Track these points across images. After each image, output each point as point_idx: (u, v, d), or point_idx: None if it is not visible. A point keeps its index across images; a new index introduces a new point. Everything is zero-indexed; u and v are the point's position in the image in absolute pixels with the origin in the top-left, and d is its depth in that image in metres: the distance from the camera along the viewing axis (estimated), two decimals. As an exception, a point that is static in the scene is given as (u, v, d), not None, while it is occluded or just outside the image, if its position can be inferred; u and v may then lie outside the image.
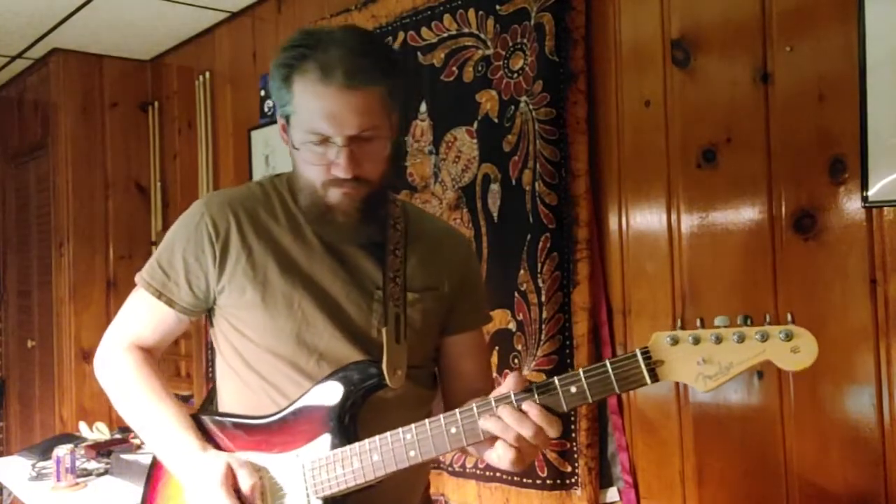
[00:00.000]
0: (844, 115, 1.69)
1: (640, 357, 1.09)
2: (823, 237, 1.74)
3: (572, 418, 2.15)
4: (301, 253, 1.36)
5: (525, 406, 1.15)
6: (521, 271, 2.24)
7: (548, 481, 2.18)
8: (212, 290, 1.37)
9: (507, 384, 1.18)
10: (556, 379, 1.14)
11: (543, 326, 2.18)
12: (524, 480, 2.24)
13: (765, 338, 1.05)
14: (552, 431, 1.15)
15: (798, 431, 1.79)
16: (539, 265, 2.18)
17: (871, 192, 1.64)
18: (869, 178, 1.64)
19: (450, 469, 2.45)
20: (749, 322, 1.07)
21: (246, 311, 1.36)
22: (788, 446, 1.80)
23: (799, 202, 1.78)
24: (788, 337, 1.04)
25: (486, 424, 1.17)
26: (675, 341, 1.09)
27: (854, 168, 1.68)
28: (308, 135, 1.27)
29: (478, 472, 2.36)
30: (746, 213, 1.87)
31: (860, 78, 1.66)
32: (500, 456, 1.19)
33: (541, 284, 2.18)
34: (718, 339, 1.07)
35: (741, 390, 1.88)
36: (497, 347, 2.34)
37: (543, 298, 2.18)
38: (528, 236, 2.21)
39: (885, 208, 1.64)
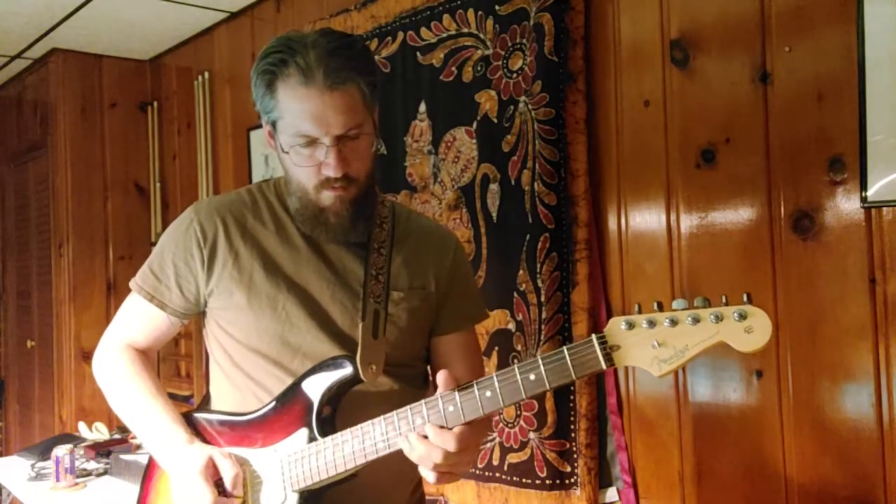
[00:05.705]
0: (843, 115, 1.69)
1: (595, 342, 1.08)
2: (822, 237, 1.74)
3: (572, 418, 2.16)
4: (287, 255, 1.40)
5: (427, 430, 1.19)
6: (521, 271, 2.24)
7: (547, 481, 2.18)
8: (201, 293, 1.42)
9: (441, 387, 1.21)
10: (515, 367, 1.15)
11: (543, 327, 2.18)
12: (523, 480, 2.24)
13: (719, 319, 1.03)
14: (451, 445, 1.17)
15: (797, 431, 1.79)
16: (538, 265, 2.18)
17: (870, 193, 1.64)
18: (868, 179, 1.64)
19: (449, 469, 2.45)
20: (706, 304, 1.05)
21: (233, 312, 1.40)
22: (787, 446, 1.80)
23: (798, 202, 1.78)
24: (742, 317, 1.02)
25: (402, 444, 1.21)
26: (631, 326, 1.07)
27: (853, 168, 1.68)
28: (296, 137, 1.29)
29: (477, 472, 2.36)
30: (745, 214, 1.87)
31: (859, 78, 1.66)
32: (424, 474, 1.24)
33: (540, 284, 2.18)
34: (673, 322, 1.05)
35: (740, 390, 1.88)
36: (496, 347, 2.34)
37: (543, 298, 2.18)
38: (528, 236, 2.22)
39: (884, 208, 1.64)
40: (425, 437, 1.19)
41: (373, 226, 1.43)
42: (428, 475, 1.22)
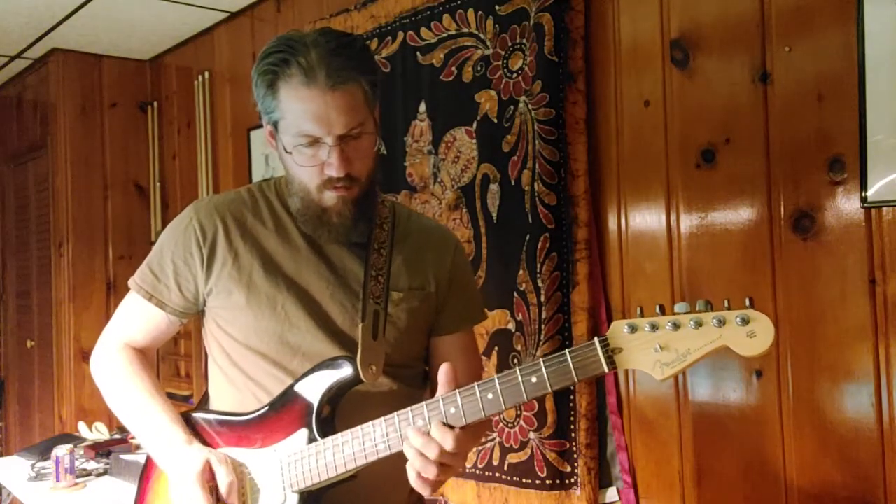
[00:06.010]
0: (843, 115, 1.69)
1: (598, 345, 1.08)
2: (822, 237, 1.74)
3: (572, 418, 2.16)
4: (287, 255, 1.39)
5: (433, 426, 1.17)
6: (521, 271, 2.24)
7: (547, 481, 2.18)
8: (200, 292, 1.41)
9: (442, 382, 1.20)
10: (517, 369, 1.15)
11: (543, 327, 2.18)
12: (523, 481, 2.24)
13: (721, 323, 1.03)
14: (448, 444, 1.16)
15: (797, 431, 1.79)
16: (538, 265, 2.18)
17: (870, 193, 1.64)
18: (868, 179, 1.64)
19: (449, 469, 2.45)
20: (709, 308, 1.05)
21: (232, 312, 1.39)
22: (787, 446, 1.80)
23: (798, 202, 1.78)
24: (745, 321, 1.02)
25: (405, 448, 1.20)
26: (634, 329, 1.07)
27: (853, 168, 1.68)
28: (298, 137, 1.29)
29: (477, 472, 2.37)
30: (745, 214, 1.87)
31: (859, 78, 1.66)
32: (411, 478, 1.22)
33: (540, 284, 2.18)
34: (676, 326, 1.05)
35: (740, 389, 1.88)
36: (496, 347, 2.34)
37: (543, 298, 2.18)
38: (528, 236, 2.22)
39: (884, 208, 1.64)
40: (425, 433, 1.19)
41: (373, 226, 1.43)
42: (416, 480, 1.21)
